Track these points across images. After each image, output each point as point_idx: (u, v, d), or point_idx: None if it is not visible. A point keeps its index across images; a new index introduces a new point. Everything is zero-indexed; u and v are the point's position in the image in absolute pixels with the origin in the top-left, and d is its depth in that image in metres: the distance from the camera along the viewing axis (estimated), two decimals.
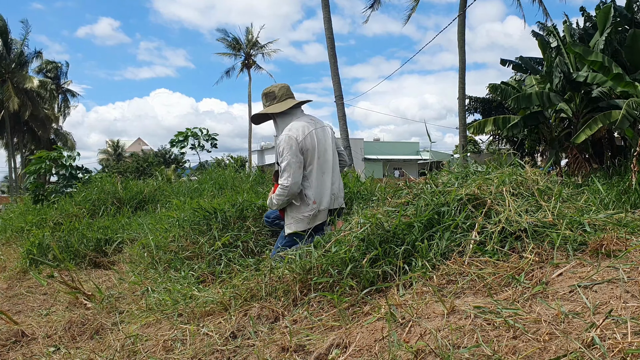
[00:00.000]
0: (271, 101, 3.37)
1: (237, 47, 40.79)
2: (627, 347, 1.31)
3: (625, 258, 1.85)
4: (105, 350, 2.36)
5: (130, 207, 6.47)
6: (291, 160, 3.10)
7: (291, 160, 3.10)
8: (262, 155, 40.81)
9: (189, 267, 3.34)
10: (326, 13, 16.68)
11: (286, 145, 3.12)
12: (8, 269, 4.92)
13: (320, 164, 3.22)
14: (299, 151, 3.13)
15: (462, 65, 17.82)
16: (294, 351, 1.91)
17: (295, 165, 3.11)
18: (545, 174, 2.73)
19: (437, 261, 2.17)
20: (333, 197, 3.25)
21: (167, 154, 40.10)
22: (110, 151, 50.99)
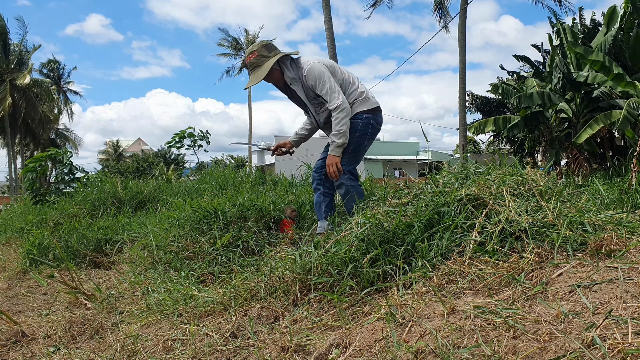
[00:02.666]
0: (275, 50, 3.22)
1: (237, 47, 40.83)
2: (627, 347, 1.31)
3: (625, 258, 1.85)
4: (105, 350, 2.36)
5: (130, 207, 6.47)
6: (331, 83, 3.12)
7: (330, 82, 3.12)
8: (262, 155, 40.81)
9: (189, 267, 3.34)
10: (327, 13, 16.69)
11: (316, 74, 3.11)
12: (8, 269, 4.92)
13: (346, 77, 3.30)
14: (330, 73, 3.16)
15: (462, 65, 17.82)
16: (294, 351, 1.91)
17: (335, 85, 3.13)
18: (545, 175, 2.73)
19: (437, 261, 2.17)
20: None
21: (167, 154, 40.13)
22: (110, 151, 51.01)
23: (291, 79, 3.22)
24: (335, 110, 3.09)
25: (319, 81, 3.11)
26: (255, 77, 3.20)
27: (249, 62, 3.22)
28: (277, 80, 3.28)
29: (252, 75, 3.22)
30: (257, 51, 3.18)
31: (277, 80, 3.28)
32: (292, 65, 3.23)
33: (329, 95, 3.11)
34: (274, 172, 8.30)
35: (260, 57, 3.17)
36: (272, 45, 3.23)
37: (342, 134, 3.12)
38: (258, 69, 3.18)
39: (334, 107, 3.09)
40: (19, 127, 35.53)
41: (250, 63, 3.21)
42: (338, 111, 3.09)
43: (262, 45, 3.21)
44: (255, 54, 3.18)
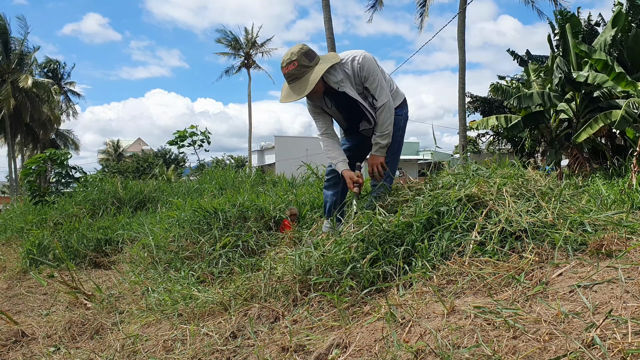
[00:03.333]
0: (315, 57, 2.86)
1: (237, 47, 40.84)
2: (627, 347, 1.31)
3: (625, 258, 1.85)
4: (105, 350, 2.36)
5: (130, 207, 6.47)
6: (381, 79, 2.92)
7: (380, 77, 2.93)
8: (262, 155, 40.82)
9: (189, 267, 3.34)
10: (326, 13, 16.68)
11: (371, 64, 2.87)
12: (8, 269, 4.92)
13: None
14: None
15: (462, 65, 17.81)
16: (294, 351, 1.91)
17: (384, 82, 2.95)
18: (545, 175, 2.73)
19: (437, 261, 2.17)
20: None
21: (167, 154, 40.13)
22: (110, 151, 51.02)
23: (338, 82, 2.89)
24: (383, 108, 2.91)
25: (372, 73, 2.87)
26: (298, 91, 2.82)
27: (288, 73, 2.82)
28: (317, 90, 2.90)
29: (293, 88, 2.84)
30: (297, 61, 2.79)
31: (317, 90, 2.90)
32: (334, 68, 2.90)
33: (378, 90, 2.90)
34: (274, 173, 8.30)
35: (301, 67, 2.79)
36: (311, 52, 2.86)
37: (388, 134, 2.99)
38: (298, 81, 2.82)
39: (382, 104, 2.91)
40: (19, 127, 35.54)
41: (290, 74, 2.82)
42: (386, 110, 2.92)
43: (302, 54, 2.80)
44: (295, 65, 2.79)
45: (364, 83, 2.92)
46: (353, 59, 2.90)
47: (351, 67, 2.91)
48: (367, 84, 2.91)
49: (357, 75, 2.91)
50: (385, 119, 2.96)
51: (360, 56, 2.89)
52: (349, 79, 2.93)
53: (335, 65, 2.90)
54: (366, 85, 2.92)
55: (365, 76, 2.89)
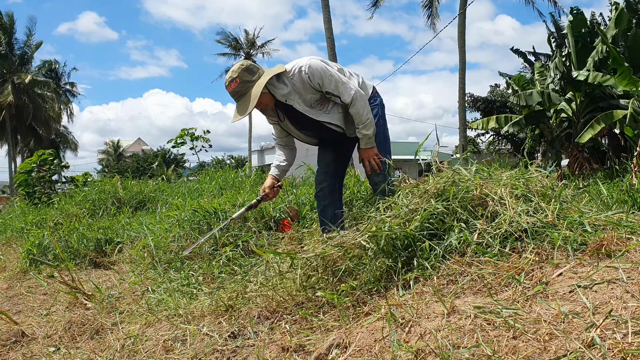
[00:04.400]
0: (258, 71, 2.83)
1: (237, 47, 40.84)
2: (628, 347, 1.31)
3: (625, 258, 1.85)
4: (105, 350, 2.36)
5: (130, 207, 6.47)
6: (337, 76, 2.81)
7: (337, 76, 2.81)
8: (262, 155, 40.81)
9: (189, 267, 3.34)
10: (326, 13, 16.70)
11: (320, 68, 2.78)
12: (8, 269, 4.92)
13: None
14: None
15: (462, 66, 17.82)
16: (294, 351, 1.91)
17: (340, 75, 2.84)
18: (547, 175, 2.73)
19: (437, 261, 2.17)
20: None
21: (167, 154, 40.15)
22: (110, 151, 51.03)
23: (286, 95, 2.84)
24: (353, 101, 2.81)
25: (325, 76, 2.78)
26: (244, 108, 2.80)
27: (232, 91, 2.81)
28: (267, 104, 2.90)
29: (239, 106, 2.83)
30: (238, 77, 2.77)
31: (267, 104, 2.90)
32: (280, 80, 2.85)
33: (340, 88, 2.81)
34: None
35: (243, 83, 2.78)
36: (253, 67, 2.83)
37: (369, 123, 2.88)
38: (243, 97, 2.80)
39: (352, 98, 2.80)
40: (20, 127, 35.55)
41: (234, 92, 2.81)
42: (357, 101, 2.81)
43: (242, 70, 2.79)
44: (237, 82, 2.77)
45: (322, 89, 2.84)
46: (300, 70, 2.80)
47: (299, 78, 2.82)
48: (325, 89, 2.82)
49: (308, 85, 2.81)
50: (360, 109, 2.85)
51: (305, 65, 2.79)
52: (298, 91, 2.84)
53: (282, 77, 2.83)
54: (326, 90, 2.83)
55: (320, 83, 2.79)
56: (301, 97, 2.86)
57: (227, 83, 2.82)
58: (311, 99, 2.87)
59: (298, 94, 2.84)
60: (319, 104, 2.92)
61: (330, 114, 2.93)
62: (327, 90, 2.82)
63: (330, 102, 2.92)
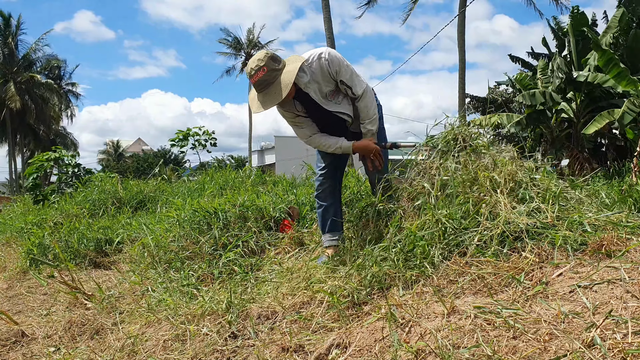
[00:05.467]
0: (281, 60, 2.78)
1: (238, 47, 40.85)
2: (628, 347, 1.31)
3: (625, 258, 1.85)
4: (105, 350, 2.36)
5: (130, 207, 6.47)
6: (352, 69, 2.86)
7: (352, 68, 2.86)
8: (262, 155, 40.80)
9: (189, 267, 3.34)
10: (326, 13, 16.70)
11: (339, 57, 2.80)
12: (8, 269, 4.92)
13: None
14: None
15: (462, 65, 17.81)
16: (294, 351, 1.91)
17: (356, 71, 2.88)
18: (547, 175, 2.73)
19: (437, 261, 2.17)
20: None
21: (167, 154, 40.15)
22: (110, 151, 51.03)
23: (306, 83, 2.80)
24: (364, 95, 2.87)
25: (343, 65, 2.80)
26: (272, 97, 2.70)
27: (259, 80, 2.68)
28: (291, 94, 2.81)
29: (266, 95, 2.72)
30: (265, 66, 2.67)
31: (291, 94, 2.81)
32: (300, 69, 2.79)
33: (354, 79, 2.85)
34: (274, 173, 8.31)
35: (271, 72, 2.68)
36: (277, 56, 2.78)
37: (375, 119, 2.94)
38: (270, 87, 2.70)
39: (362, 91, 2.86)
40: (20, 127, 35.55)
41: (261, 81, 2.69)
42: (367, 96, 2.88)
43: (269, 58, 2.69)
44: (264, 70, 2.66)
45: (337, 77, 2.85)
46: (319, 56, 2.80)
47: (318, 65, 2.81)
48: (341, 77, 2.84)
49: (326, 72, 2.82)
50: (369, 104, 2.91)
51: (325, 52, 2.81)
52: (317, 79, 2.84)
53: (302, 66, 2.82)
54: (340, 79, 2.84)
55: (337, 70, 2.81)
56: (318, 86, 2.86)
57: (252, 72, 2.69)
58: (326, 88, 2.88)
59: (316, 83, 2.84)
60: (331, 95, 2.93)
61: (341, 104, 2.96)
62: (341, 79, 2.83)
63: (341, 93, 2.94)
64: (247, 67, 2.74)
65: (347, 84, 2.85)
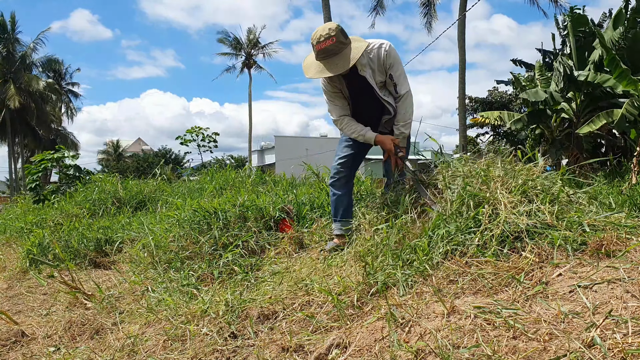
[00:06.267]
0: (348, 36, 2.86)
1: (239, 47, 40.86)
2: (628, 347, 1.31)
3: (625, 258, 1.85)
4: (105, 350, 2.36)
5: (130, 207, 6.47)
6: (403, 69, 2.99)
7: (403, 68, 2.99)
8: (262, 155, 40.80)
9: (189, 267, 3.34)
10: (326, 13, 16.70)
11: (396, 53, 2.93)
12: (8, 269, 4.92)
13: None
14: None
15: (462, 65, 17.82)
16: (294, 351, 1.91)
17: (405, 73, 3.02)
18: (547, 175, 2.73)
19: (437, 261, 2.17)
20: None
21: (168, 154, 40.14)
22: (110, 151, 51.01)
23: (363, 65, 2.91)
24: (407, 96, 2.99)
25: (398, 61, 2.94)
26: (336, 67, 2.77)
27: (325, 48, 2.75)
28: (349, 69, 2.88)
29: (328, 63, 2.79)
30: (335, 37, 2.74)
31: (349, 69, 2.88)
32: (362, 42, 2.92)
33: (402, 78, 2.97)
34: (274, 172, 8.31)
35: (339, 43, 2.76)
36: (344, 31, 2.84)
37: (409, 124, 3.05)
38: (335, 57, 2.78)
39: (406, 92, 2.98)
40: (20, 127, 35.54)
41: (327, 49, 2.75)
42: (409, 98, 3.00)
43: (339, 31, 2.77)
44: (333, 40, 2.74)
45: (388, 70, 2.96)
46: (380, 45, 2.93)
47: (377, 53, 2.92)
48: (391, 71, 2.96)
49: (382, 62, 2.93)
50: (408, 107, 3.03)
51: (387, 44, 2.94)
52: (372, 65, 2.95)
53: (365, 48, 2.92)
54: (391, 72, 2.96)
55: (392, 63, 2.93)
56: (372, 72, 2.96)
57: (321, 39, 2.76)
58: (378, 77, 2.98)
59: (371, 69, 2.95)
60: (380, 86, 3.03)
61: (387, 97, 3.05)
62: (392, 73, 2.95)
63: (386, 89, 3.06)
64: (316, 33, 2.81)
65: (395, 79, 2.97)
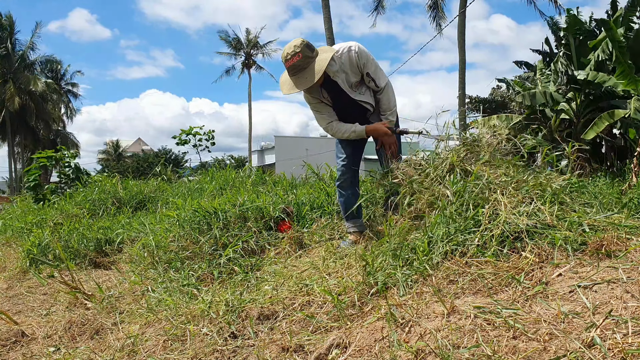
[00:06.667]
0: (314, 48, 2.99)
1: (239, 47, 40.86)
2: (628, 347, 1.31)
3: (625, 258, 1.85)
4: (105, 350, 2.36)
5: (130, 207, 6.47)
6: (377, 63, 3.12)
7: (377, 63, 3.11)
8: (262, 155, 40.80)
9: (189, 267, 3.34)
10: (326, 13, 16.70)
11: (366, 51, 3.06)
12: (8, 269, 4.92)
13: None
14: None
15: (462, 65, 17.82)
16: (294, 351, 1.91)
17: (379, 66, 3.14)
18: (547, 175, 2.73)
19: (437, 261, 2.17)
20: None
21: (167, 154, 40.13)
22: (110, 151, 51.00)
23: (335, 72, 3.03)
24: (387, 88, 3.14)
25: (370, 59, 3.07)
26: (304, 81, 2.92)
27: (293, 64, 2.91)
28: (321, 80, 3.04)
29: (298, 79, 2.94)
30: (301, 52, 2.89)
31: (321, 80, 3.04)
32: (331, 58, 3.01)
33: (378, 72, 3.11)
34: (274, 173, 8.31)
35: (305, 58, 2.90)
36: (311, 44, 2.97)
37: (395, 110, 3.20)
38: (303, 72, 2.93)
39: (385, 84, 3.13)
40: (20, 127, 35.52)
41: (295, 66, 2.91)
42: (389, 89, 3.15)
43: (304, 46, 2.92)
44: (299, 56, 2.89)
45: (363, 70, 3.07)
46: (349, 49, 3.04)
47: (348, 57, 3.03)
48: (367, 70, 3.08)
49: (355, 64, 3.05)
50: (391, 95, 3.17)
51: (355, 46, 3.04)
52: (345, 69, 3.06)
53: (333, 56, 3.03)
54: (367, 71, 3.08)
55: (365, 63, 3.04)
56: (346, 76, 3.08)
57: (288, 57, 2.92)
58: (353, 79, 3.10)
59: (344, 73, 3.06)
60: (356, 86, 3.15)
61: (364, 95, 3.18)
62: (367, 71, 3.08)
63: (364, 85, 3.18)
64: (283, 52, 2.97)
65: (372, 76, 3.09)
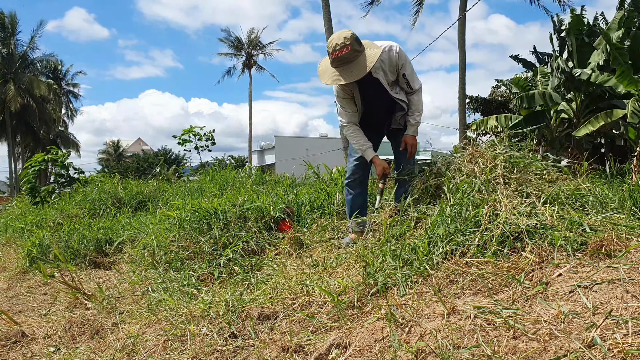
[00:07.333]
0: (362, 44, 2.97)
1: (239, 47, 40.83)
2: (628, 347, 1.31)
3: (625, 258, 1.85)
4: (105, 350, 2.36)
5: (130, 207, 6.47)
6: (412, 66, 3.21)
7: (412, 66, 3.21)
8: (262, 155, 40.80)
9: (189, 267, 3.33)
10: (326, 13, 16.69)
11: (405, 53, 3.16)
12: (8, 269, 4.92)
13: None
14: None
15: (462, 66, 17.80)
16: (294, 351, 1.91)
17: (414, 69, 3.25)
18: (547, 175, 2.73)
19: (437, 261, 2.17)
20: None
21: (168, 154, 40.13)
22: (110, 151, 51.00)
23: (376, 68, 3.04)
24: (419, 91, 3.25)
25: (407, 61, 3.17)
26: (352, 74, 2.90)
27: (340, 56, 2.86)
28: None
29: (344, 71, 2.92)
30: (350, 45, 2.84)
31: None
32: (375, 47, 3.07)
33: (413, 74, 3.21)
34: (274, 173, 8.31)
35: (353, 51, 2.86)
36: (359, 38, 2.95)
37: (421, 113, 3.31)
38: (349, 65, 2.90)
39: (418, 87, 3.24)
40: (20, 127, 35.53)
41: (342, 57, 2.86)
42: (421, 90, 3.26)
43: (354, 39, 2.87)
44: (348, 49, 2.84)
45: (400, 70, 3.15)
46: (390, 48, 3.10)
47: (388, 56, 3.09)
48: (403, 71, 3.15)
49: (394, 64, 3.13)
50: (420, 100, 3.28)
51: (396, 46, 3.13)
52: (384, 68, 3.12)
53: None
54: (403, 72, 3.15)
55: (403, 64, 3.14)
56: (384, 74, 3.13)
57: (337, 47, 2.86)
58: (390, 78, 3.17)
59: (383, 71, 3.12)
60: (391, 85, 3.22)
61: (400, 94, 3.25)
62: (404, 72, 3.17)
63: (398, 86, 3.26)
64: (331, 42, 2.93)
65: (407, 78, 3.18)
